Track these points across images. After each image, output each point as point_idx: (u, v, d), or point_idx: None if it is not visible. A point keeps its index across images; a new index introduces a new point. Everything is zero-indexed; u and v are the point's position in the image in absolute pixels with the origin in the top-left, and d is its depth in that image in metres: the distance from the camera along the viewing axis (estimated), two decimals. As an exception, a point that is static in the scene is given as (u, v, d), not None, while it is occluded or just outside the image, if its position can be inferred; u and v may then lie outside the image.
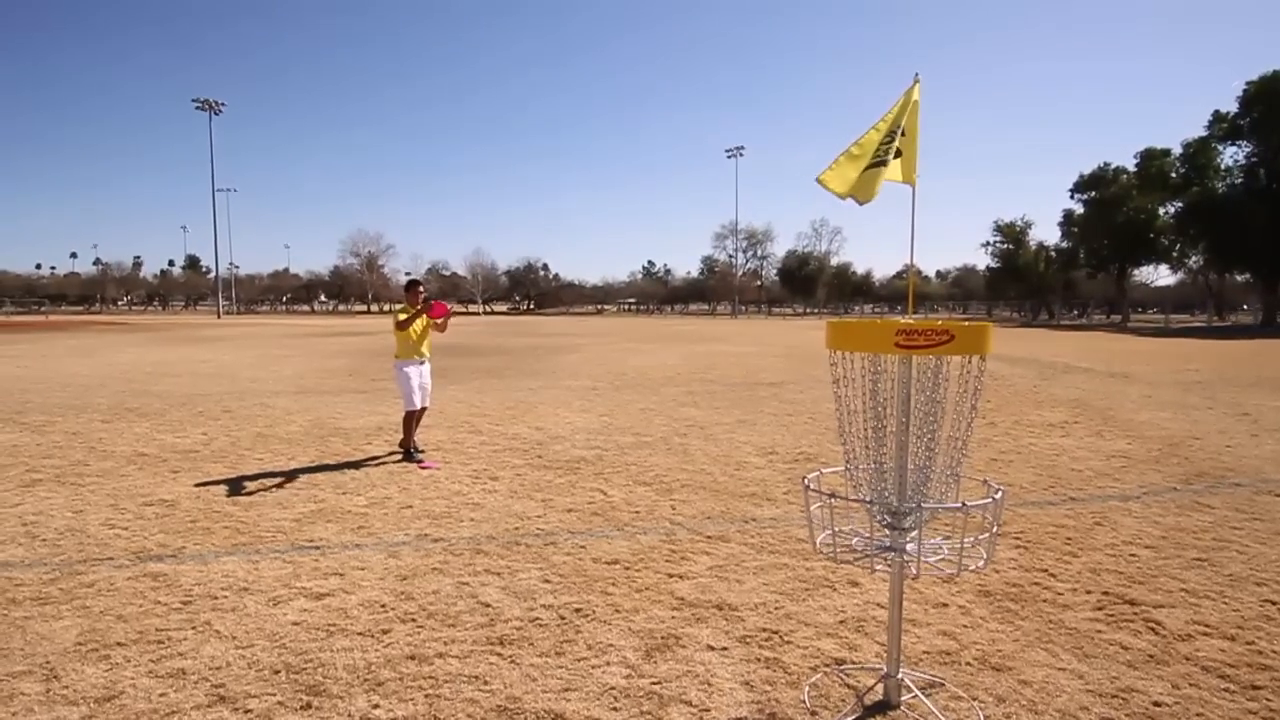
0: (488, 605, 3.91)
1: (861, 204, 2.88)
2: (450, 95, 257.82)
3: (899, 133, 2.91)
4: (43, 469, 6.94)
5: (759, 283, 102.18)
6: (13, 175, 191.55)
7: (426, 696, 3.00)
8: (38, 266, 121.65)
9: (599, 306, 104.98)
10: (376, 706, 2.92)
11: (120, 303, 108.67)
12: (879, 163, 2.86)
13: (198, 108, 72.99)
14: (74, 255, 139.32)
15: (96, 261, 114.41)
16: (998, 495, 2.77)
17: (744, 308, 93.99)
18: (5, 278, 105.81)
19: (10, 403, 11.15)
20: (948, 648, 3.47)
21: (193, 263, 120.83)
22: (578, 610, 3.85)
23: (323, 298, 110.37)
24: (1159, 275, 70.53)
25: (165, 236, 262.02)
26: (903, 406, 2.81)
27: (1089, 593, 4.11)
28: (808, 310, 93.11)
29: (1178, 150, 52.78)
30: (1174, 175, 53.25)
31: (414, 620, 3.71)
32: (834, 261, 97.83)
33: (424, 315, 7.54)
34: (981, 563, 2.85)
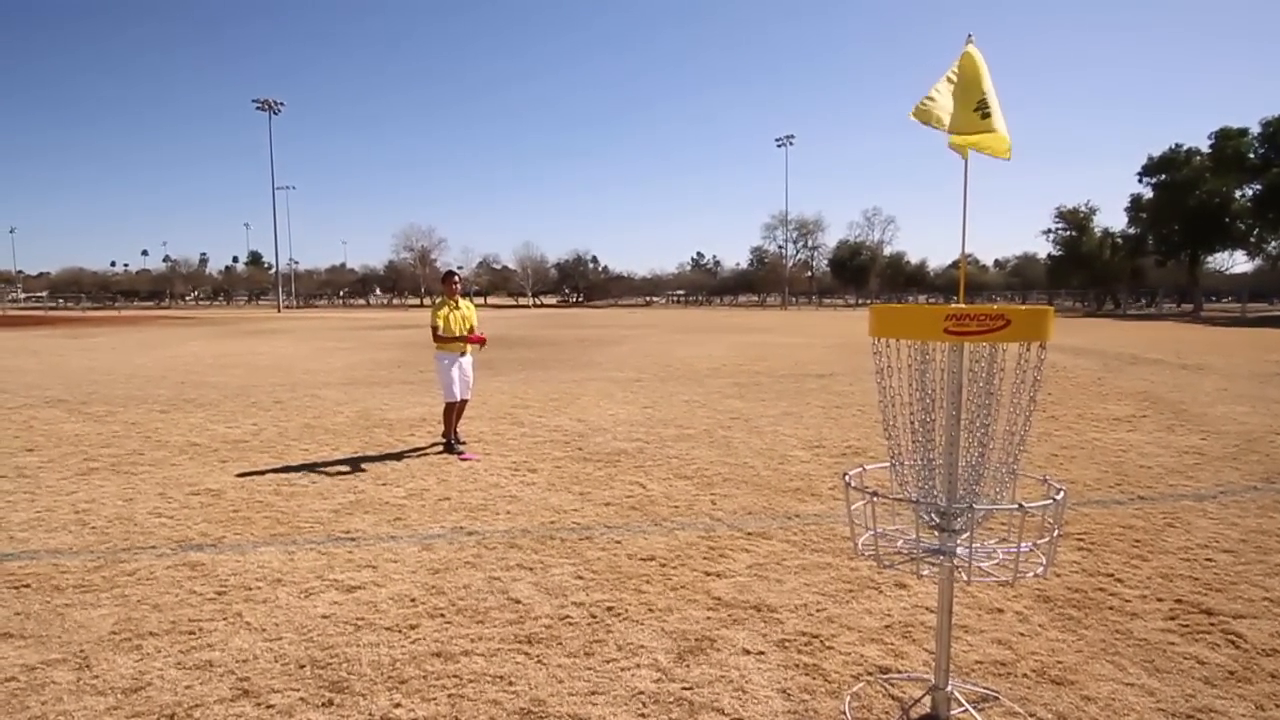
0: (518, 601, 3.81)
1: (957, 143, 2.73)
2: (500, 87, 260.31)
3: (987, 96, 2.67)
4: (100, 458, 7.14)
5: (809, 273, 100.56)
6: (89, 178, 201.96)
7: (450, 696, 2.91)
8: (112, 264, 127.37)
9: (647, 298, 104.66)
10: (398, 705, 2.84)
11: (188, 298, 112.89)
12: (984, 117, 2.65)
13: (258, 108, 74.93)
14: (145, 253, 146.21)
15: (165, 259, 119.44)
16: (1059, 496, 2.53)
17: (794, 299, 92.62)
18: (82, 275, 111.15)
19: (79, 393, 11.58)
20: (1003, 658, 3.23)
21: (255, 259, 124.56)
22: (609, 609, 3.73)
23: (378, 291, 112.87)
24: (1234, 262, 66.33)
25: (229, 234, 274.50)
26: (953, 399, 2.59)
27: (1160, 600, 3.81)
28: (860, 301, 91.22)
29: (1255, 129, 49.85)
30: (1252, 156, 50.24)
31: (442, 615, 3.64)
32: (887, 251, 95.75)
33: (457, 308, 7.54)
34: (1040, 569, 2.62)
